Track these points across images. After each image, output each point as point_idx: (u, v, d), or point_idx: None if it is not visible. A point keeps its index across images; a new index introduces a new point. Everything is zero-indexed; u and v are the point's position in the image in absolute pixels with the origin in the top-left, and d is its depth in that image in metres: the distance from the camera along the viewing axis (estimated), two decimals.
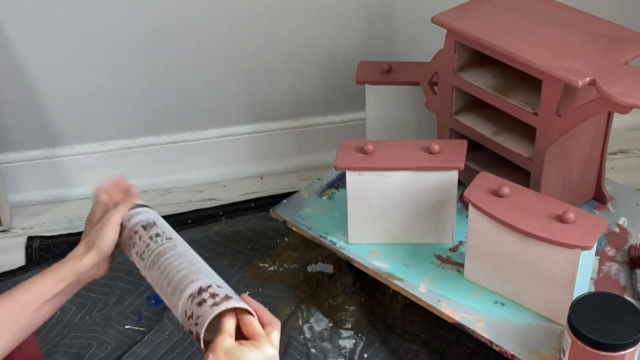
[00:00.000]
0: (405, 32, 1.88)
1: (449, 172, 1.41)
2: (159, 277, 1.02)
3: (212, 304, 0.95)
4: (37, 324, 1.06)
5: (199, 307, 0.95)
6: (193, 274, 1.00)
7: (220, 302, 0.95)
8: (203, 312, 0.95)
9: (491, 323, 1.35)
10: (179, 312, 0.98)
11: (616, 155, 1.98)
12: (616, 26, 1.41)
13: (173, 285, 1.00)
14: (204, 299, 0.96)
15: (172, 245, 1.06)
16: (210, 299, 0.96)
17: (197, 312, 0.95)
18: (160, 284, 1.02)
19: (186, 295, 0.98)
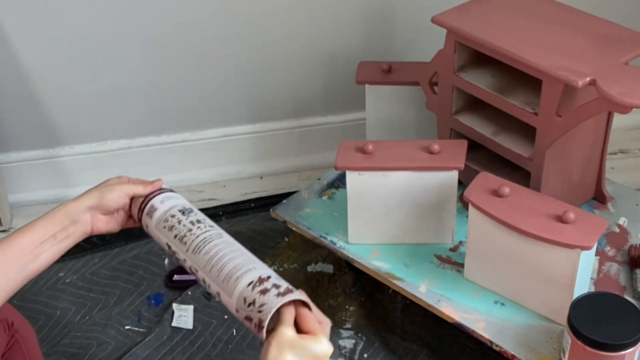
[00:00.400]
0: (405, 32, 1.88)
1: (449, 172, 1.41)
2: (207, 262, 1.03)
3: (277, 294, 0.95)
4: (37, 267, 1.06)
5: (263, 295, 0.96)
6: (249, 263, 1.01)
7: (285, 293, 0.96)
8: (268, 300, 0.95)
9: (491, 323, 1.35)
10: (234, 298, 0.98)
11: (616, 155, 1.98)
12: (616, 26, 1.41)
13: (226, 272, 1.00)
14: (267, 288, 0.96)
15: (218, 233, 1.07)
16: (273, 289, 0.96)
17: (260, 299, 0.95)
18: (210, 269, 1.02)
19: (245, 282, 0.98)
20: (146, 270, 1.71)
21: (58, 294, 1.67)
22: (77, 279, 1.71)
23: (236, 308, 0.98)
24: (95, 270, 1.73)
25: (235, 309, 0.99)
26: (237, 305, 0.98)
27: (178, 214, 1.10)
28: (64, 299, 1.66)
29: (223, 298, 1.01)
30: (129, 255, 1.75)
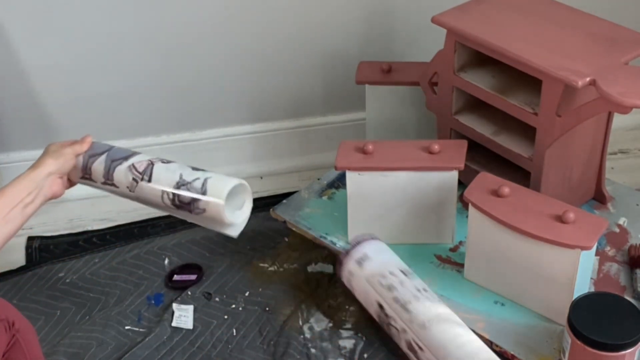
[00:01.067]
0: (405, 32, 1.88)
1: (449, 172, 1.41)
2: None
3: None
4: (8, 232, 1.16)
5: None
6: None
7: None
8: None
9: (491, 323, 1.35)
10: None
11: (616, 155, 1.98)
12: (616, 26, 1.41)
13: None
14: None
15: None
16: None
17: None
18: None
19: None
20: (146, 270, 1.71)
21: (58, 294, 1.67)
22: (77, 279, 1.71)
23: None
24: (95, 270, 1.73)
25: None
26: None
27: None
28: (64, 299, 1.66)
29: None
30: (129, 255, 1.75)
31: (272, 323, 1.58)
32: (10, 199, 1.17)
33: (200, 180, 1.18)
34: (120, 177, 1.23)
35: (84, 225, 1.86)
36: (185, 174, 1.20)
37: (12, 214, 1.16)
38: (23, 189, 1.19)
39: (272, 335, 1.55)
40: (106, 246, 1.79)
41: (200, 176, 1.20)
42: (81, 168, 1.27)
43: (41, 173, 1.22)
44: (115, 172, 1.24)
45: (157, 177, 1.21)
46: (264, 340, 1.54)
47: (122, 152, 1.27)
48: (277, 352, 1.52)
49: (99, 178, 1.26)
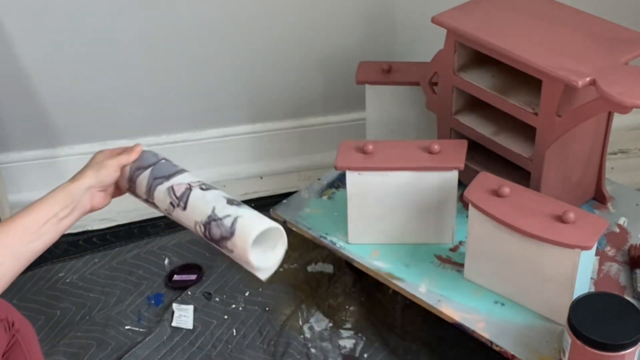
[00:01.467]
0: (405, 32, 1.88)
1: (449, 172, 1.41)
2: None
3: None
4: (39, 247, 1.13)
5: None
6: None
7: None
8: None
9: (491, 323, 1.35)
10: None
11: (616, 155, 1.98)
12: (616, 26, 1.41)
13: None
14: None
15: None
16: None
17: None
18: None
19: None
20: (146, 270, 1.71)
21: (58, 294, 1.67)
22: (77, 279, 1.71)
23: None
24: (95, 270, 1.73)
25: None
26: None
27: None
28: (64, 299, 1.66)
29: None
30: (129, 255, 1.75)
31: (272, 323, 1.58)
32: (44, 212, 1.12)
33: (231, 219, 1.11)
34: (160, 197, 1.18)
35: (84, 225, 1.86)
36: (218, 208, 1.13)
37: (44, 228, 1.12)
38: (58, 202, 1.14)
39: (272, 335, 1.55)
40: (106, 246, 1.79)
41: (231, 213, 1.12)
42: (127, 179, 1.21)
43: (79, 187, 1.16)
44: (156, 191, 1.17)
45: (191, 206, 1.15)
46: (264, 340, 1.55)
47: (165, 169, 1.20)
48: (277, 352, 1.52)
49: (142, 194, 1.20)
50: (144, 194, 1.19)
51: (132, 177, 1.20)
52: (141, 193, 1.20)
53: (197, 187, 1.17)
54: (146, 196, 1.19)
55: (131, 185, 1.20)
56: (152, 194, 1.18)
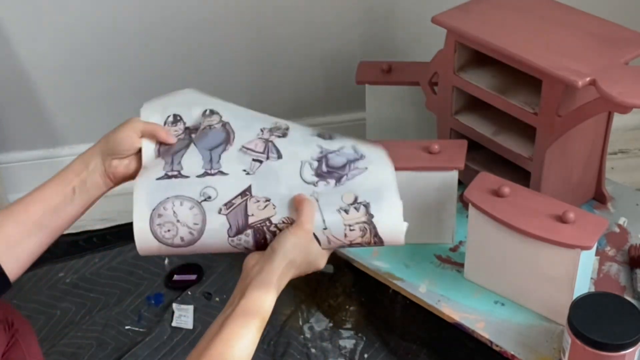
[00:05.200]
0: (405, 32, 1.88)
1: (449, 172, 1.41)
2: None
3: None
4: (64, 220, 1.09)
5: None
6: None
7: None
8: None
9: (491, 323, 1.35)
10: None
11: (616, 155, 1.98)
12: (616, 26, 1.41)
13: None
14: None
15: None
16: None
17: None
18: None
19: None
20: (146, 270, 1.71)
21: (58, 294, 1.67)
22: (77, 279, 1.71)
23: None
24: (95, 270, 1.73)
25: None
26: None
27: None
28: (64, 299, 1.66)
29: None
30: (129, 255, 1.75)
31: (272, 323, 1.58)
32: (60, 184, 1.06)
33: (349, 147, 1.07)
34: (232, 162, 1.03)
35: (84, 225, 1.86)
36: (324, 143, 1.07)
37: (62, 202, 1.07)
38: (73, 170, 1.07)
39: (272, 335, 1.55)
40: (106, 246, 1.79)
41: (344, 144, 1.07)
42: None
43: (92, 153, 1.08)
44: (222, 160, 1.04)
45: (288, 151, 1.04)
46: (264, 340, 1.55)
47: (216, 136, 1.07)
48: (277, 352, 1.52)
49: (194, 171, 1.05)
50: (202, 168, 1.05)
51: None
52: (196, 168, 1.05)
53: (276, 137, 1.08)
54: (204, 170, 1.05)
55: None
56: (218, 164, 1.05)
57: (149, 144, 1.09)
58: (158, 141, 1.10)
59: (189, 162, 1.06)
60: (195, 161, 1.06)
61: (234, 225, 1.00)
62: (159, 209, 1.01)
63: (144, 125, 1.09)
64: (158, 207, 1.01)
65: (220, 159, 1.05)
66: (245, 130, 1.10)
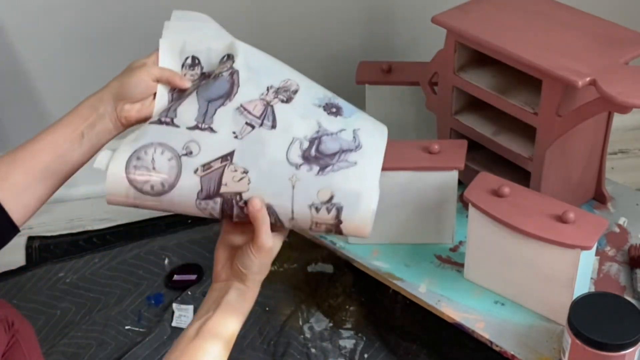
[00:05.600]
0: (405, 32, 1.88)
1: (449, 172, 1.41)
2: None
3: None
4: (68, 166, 1.04)
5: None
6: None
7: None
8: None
9: (491, 323, 1.35)
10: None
11: (616, 155, 1.98)
12: (616, 26, 1.41)
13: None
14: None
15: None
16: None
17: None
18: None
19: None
20: (146, 270, 1.71)
21: (58, 294, 1.67)
22: (77, 279, 1.71)
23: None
24: (95, 270, 1.73)
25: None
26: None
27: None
28: (64, 299, 1.66)
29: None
30: (129, 255, 1.75)
31: (272, 323, 1.58)
32: (68, 128, 1.03)
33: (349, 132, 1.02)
34: (226, 121, 1.00)
35: (84, 225, 1.86)
36: (325, 122, 1.03)
37: (70, 147, 1.03)
38: (81, 116, 1.04)
39: (272, 335, 1.55)
40: (106, 246, 1.79)
41: (345, 127, 1.02)
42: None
43: (101, 97, 1.06)
44: (217, 115, 1.01)
45: (284, 122, 1.00)
46: (264, 340, 1.55)
47: (220, 86, 1.04)
48: (277, 352, 1.52)
49: (189, 120, 1.02)
50: (194, 120, 1.02)
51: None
52: (188, 119, 1.02)
53: (279, 102, 1.05)
54: (195, 123, 1.02)
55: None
56: (211, 119, 1.02)
57: (164, 91, 1.07)
58: (173, 87, 1.08)
59: (184, 111, 1.03)
60: (190, 111, 1.03)
61: (206, 189, 0.98)
62: (139, 151, 0.99)
63: (160, 72, 1.06)
64: (139, 150, 0.99)
65: (215, 113, 1.02)
66: (251, 86, 1.06)
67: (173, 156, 0.99)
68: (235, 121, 1.02)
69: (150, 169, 0.98)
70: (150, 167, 0.98)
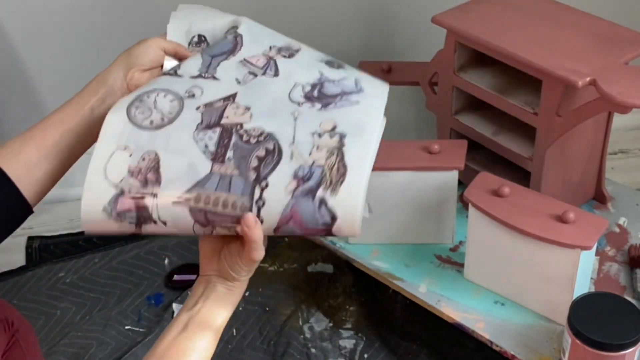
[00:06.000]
0: (405, 32, 1.88)
1: (449, 172, 1.41)
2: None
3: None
4: (79, 142, 1.06)
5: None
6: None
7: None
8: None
9: (491, 323, 1.35)
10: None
11: (616, 155, 1.98)
12: (616, 26, 1.41)
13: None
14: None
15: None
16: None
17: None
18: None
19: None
20: (146, 270, 1.71)
21: (58, 294, 1.67)
22: (77, 279, 1.71)
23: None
24: (95, 270, 1.73)
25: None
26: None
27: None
28: (64, 299, 1.66)
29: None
30: (129, 255, 1.75)
31: (272, 323, 1.58)
32: (80, 105, 1.04)
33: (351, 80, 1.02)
34: (228, 72, 1.01)
35: None
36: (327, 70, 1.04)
37: (79, 120, 1.04)
38: (91, 91, 1.05)
39: (272, 335, 1.55)
40: (106, 246, 1.79)
41: (347, 75, 1.03)
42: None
43: (110, 71, 1.06)
44: (220, 67, 1.02)
45: (286, 70, 1.01)
46: (264, 340, 1.55)
47: (224, 45, 1.05)
48: (277, 352, 1.52)
49: (193, 71, 1.03)
50: (197, 71, 1.03)
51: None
52: (192, 70, 1.03)
53: (281, 57, 1.06)
54: (199, 73, 1.03)
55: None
56: (215, 70, 1.03)
57: (171, 61, 1.09)
58: (180, 59, 1.09)
59: (188, 65, 1.04)
60: (194, 64, 1.04)
61: (206, 120, 0.97)
62: (142, 96, 1.00)
63: (167, 44, 1.08)
64: (142, 95, 1.00)
65: (219, 65, 1.04)
66: (254, 45, 1.07)
67: (175, 98, 1.00)
68: (238, 71, 1.03)
69: (152, 108, 0.98)
70: (152, 107, 0.99)
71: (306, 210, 0.92)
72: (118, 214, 0.94)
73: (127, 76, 1.06)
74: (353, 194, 0.93)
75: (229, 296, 0.99)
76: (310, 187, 0.92)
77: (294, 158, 0.95)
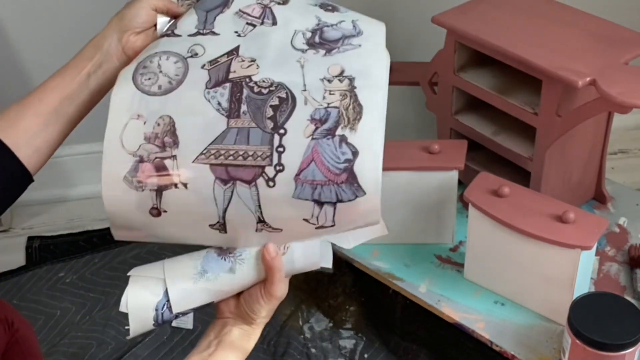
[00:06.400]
0: (405, 32, 1.88)
1: (449, 172, 1.41)
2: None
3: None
4: (75, 108, 1.06)
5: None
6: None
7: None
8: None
9: (491, 323, 1.35)
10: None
11: (616, 155, 1.98)
12: (616, 26, 1.41)
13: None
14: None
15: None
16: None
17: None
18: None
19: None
20: None
21: (58, 294, 1.67)
22: (77, 279, 1.71)
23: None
24: (95, 270, 1.73)
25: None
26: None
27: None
28: (64, 299, 1.66)
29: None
30: (129, 255, 1.75)
31: (272, 323, 1.57)
32: (76, 71, 1.06)
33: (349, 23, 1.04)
34: (225, 24, 1.01)
35: (84, 225, 1.86)
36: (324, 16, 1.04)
37: (76, 87, 1.05)
38: (86, 57, 1.06)
39: (272, 335, 1.55)
40: (106, 246, 1.79)
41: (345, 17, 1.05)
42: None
43: (104, 36, 1.07)
44: (217, 21, 1.02)
45: (285, 16, 1.01)
46: (263, 340, 1.55)
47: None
48: (277, 352, 1.52)
49: (188, 28, 1.03)
50: (195, 28, 1.03)
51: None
52: (189, 28, 1.03)
53: (275, 4, 1.06)
54: (197, 30, 1.02)
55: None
56: (212, 24, 1.04)
57: (163, 19, 1.08)
58: (172, 16, 1.08)
59: (184, 24, 1.04)
60: (190, 21, 1.04)
61: (214, 78, 0.98)
62: (145, 62, 1.00)
63: (158, 2, 1.07)
64: (144, 60, 1.00)
65: (215, 20, 1.04)
66: None
67: (178, 59, 1.00)
68: (236, 23, 1.03)
69: (157, 72, 0.99)
70: (157, 71, 0.99)
71: (327, 149, 0.92)
72: (139, 182, 0.94)
73: (121, 40, 1.06)
74: (373, 127, 0.93)
75: (243, 342, 0.99)
76: (328, 127, 0.93)
77: (309, 103, 0.95)
